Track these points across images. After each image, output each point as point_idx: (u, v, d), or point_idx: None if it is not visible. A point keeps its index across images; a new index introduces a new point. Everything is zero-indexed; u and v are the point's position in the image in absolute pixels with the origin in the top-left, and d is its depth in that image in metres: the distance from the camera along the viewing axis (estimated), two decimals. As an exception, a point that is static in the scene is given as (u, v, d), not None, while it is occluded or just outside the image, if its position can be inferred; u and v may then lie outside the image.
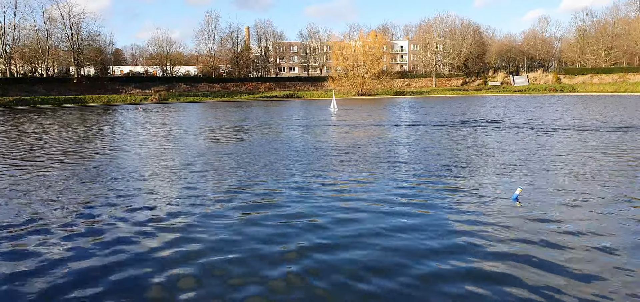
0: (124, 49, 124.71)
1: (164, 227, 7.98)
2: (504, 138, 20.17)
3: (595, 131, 22.07)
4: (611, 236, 7.29)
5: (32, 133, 27.04)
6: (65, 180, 12.24)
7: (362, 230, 7.69)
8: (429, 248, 6.88)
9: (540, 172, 12.39)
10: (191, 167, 13.85)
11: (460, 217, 8.41)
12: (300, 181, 11.52)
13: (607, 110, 37.20)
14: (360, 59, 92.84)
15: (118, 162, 15.23)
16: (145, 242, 7.22)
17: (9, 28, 80.00)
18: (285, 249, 6.85)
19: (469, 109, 44.20)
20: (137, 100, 79.35)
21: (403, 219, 8.27)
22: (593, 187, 10.54)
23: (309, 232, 7.58)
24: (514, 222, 8.05)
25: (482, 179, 11.69)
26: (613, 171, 12.36)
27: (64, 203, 9.73)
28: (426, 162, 14.33)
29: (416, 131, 23.83)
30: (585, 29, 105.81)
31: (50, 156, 17.01)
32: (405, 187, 10.79)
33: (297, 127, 27.62)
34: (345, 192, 10.34)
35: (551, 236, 7.31)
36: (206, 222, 8.16)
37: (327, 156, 15.75)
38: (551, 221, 8.08)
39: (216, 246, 7.02)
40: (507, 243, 7.06)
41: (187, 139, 22.31)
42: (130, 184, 11.60)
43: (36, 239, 7.47)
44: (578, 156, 15.05)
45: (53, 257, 6.66)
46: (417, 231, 7.65)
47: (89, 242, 7.28)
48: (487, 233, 7.52)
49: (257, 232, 7.61)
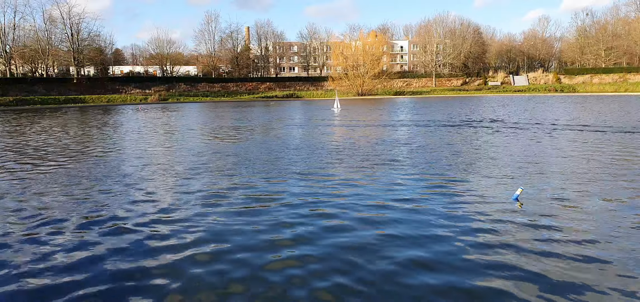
0: (124, 49, 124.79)
1: (164, 222, 7.98)
2: (505, 138, 20.17)
3: (597, 131, 22.07)
4: (609, 238, 7.28)
5: (40, 132, 27.04)
6: (67, 178, 12.24)
7: (356, 234, 7.69)
8: (429, 249, 6.88)
9: (541, 172, 12.39)
10: (220, 165, 13.83)
11: (460, 217, 8.41)
12: (310, 178, 11.51)
13: (608, 110, 37.18)
14: (360, 59, 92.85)
15: (120, 160, 15.23)
16: (146, 235, 7.22)
17: (9, 28, 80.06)
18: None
19: (473, 108, 44.19)
20: (137, 100, 79.35)
21: (403, 218, 8.26)
22: (593, 187, 10.53)
23: (331, 229, 7.58)
24: (513, 222, 8.05)
25: (483, 178, 11.69)
26: (615, 172, 12.36)
27: (66, 200, 9.73)
28: (427, 162, 14.32)
29: (420, 131, 23.82)
30: (585, 29, 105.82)
31: (53, 155, 17.01)
32: (405, 187, 10.79)
33: (305, 127, 27.56)
34: (361, 191, 10.33)
35: (550, 236, 7.30)
36: (229, 222, 8.15)
37: (345, 156, 15.72)
38: (550, 220, 8.07)
39: (229, 239, 7.01)
40: (506, 243, 7.05)
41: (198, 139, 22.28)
42: (133, 181, 11.61)
43: (43, 235, 7.47)
44: (578, 155, 15.05)
45: (57, 252, 6.67)
46: (416, 230, 7.64)
47: (91, 239, 7.28)
48: (486, 233, 7.52)
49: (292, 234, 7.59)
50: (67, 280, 5.91)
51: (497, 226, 7.87)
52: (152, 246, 7.05)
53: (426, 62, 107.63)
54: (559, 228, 7.68)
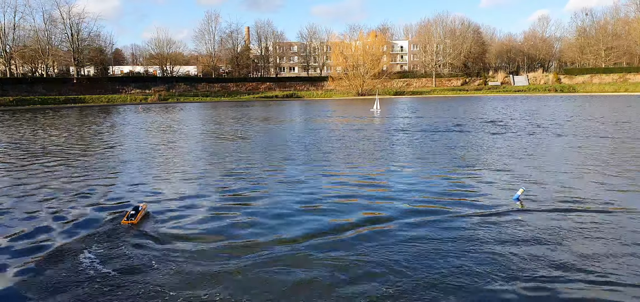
0: (124, 49, 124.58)
1: (164, 220, 8.00)
2: (506, 138, 20.17)
3: (598, 131, 22.05)
4: (608, 239, 7.29)
5: (46, 131, 27.03)
6: (70, 176, 12.26)
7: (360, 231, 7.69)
8: (428, 247, 6.89)
9: (542, 172, 12.39)
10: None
11: (459, 215, 8.41)
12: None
13: (610, 110, 37.15)
14: (360, 59, 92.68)
15: (123, 159, 15.24)
16: (148, 230, 7.23)
17: (9, 28, 79.86)
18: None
19: (475, 108, 44.18)
20: (137, 100, 79.24)
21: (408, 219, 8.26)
22: (593, 187, 10.54)
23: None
24: (511, 222, 8.06)
25: (483, 178, 11.69)
26: (616, 172, 12.36)
27: (68, 198, 9.75)
28: (428, 161, 14.33)
29: (421, 131, 23.75)
30: (585, 29, 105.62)
31: (57, 154, 17.02)
32: (405, 188, 10.79)
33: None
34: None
35: (550, 236, 7.31)
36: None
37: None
38: (549, 221, 8.08)
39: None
40: (505, 243, 7.06)
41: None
42: (136, 177, 11.62)
43: (45, 232, 7.48)
44: (578, 156, 15.05)
45: (60, 247, 6.69)
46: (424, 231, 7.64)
47: (94, 235, 7.29)
48: (486, 233, 7.52)
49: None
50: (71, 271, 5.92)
51: (498, 225, 7.88)
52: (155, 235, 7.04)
53: (426, 62, 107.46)
54: (558, 227, 7.69)
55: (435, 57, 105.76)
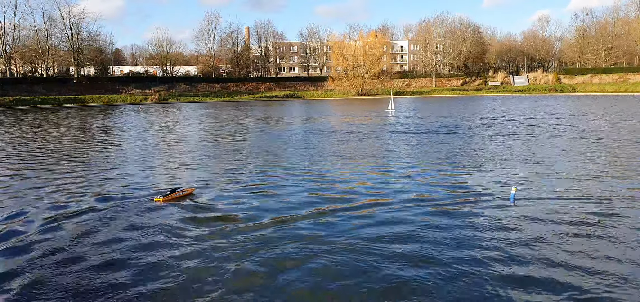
0: (124, 49, 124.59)
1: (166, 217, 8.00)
2: (508, 138, 20.17)
3: (597, 131, 22.06)
4: (607, 238, 7.29)
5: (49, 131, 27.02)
6: (70, 175, 12.27)
7: (365, 230, 7.69)
8: (428, 247, 6.89)
9: (540, 171, 12.39)
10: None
11: (458, 215, 8.42)
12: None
13: (610, 110, 37.15)
14: (360, 59, 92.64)
15: (124, 158, 15.24)
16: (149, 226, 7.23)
17: (9, 28, 79.85)
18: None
19: (478, 108, 44.18)
20: (137, 101, 79.25)
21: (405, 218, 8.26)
22: (592, 188, 10.53)
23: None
24: (509, 222, 8.06)
25: (484, 178, 11.69)
26: (613, 171, 12.36)
27: (69, 196, 9.76)
28: (428, 161, 14.33)
29: (420, 130, 23.73)
30: (585, 29, 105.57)
31: (58, 154, 17.03)
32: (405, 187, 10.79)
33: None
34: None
35: (549, 237, 7.31)
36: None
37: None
38: (547, 220, 8.08)
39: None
40: (505, 243, 7.06)
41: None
42: (138, 176, 11.63)
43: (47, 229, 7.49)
44: (578, 156, 15.04)
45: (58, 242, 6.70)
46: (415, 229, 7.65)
47: (95, 235, 7.30)
48: (485, 232, 7.53)
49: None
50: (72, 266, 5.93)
51: (494, 224, 7.88)
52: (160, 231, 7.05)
53: (426, 62, 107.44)
54: (558, 228, 7.68)
55: (435, 57, 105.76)
